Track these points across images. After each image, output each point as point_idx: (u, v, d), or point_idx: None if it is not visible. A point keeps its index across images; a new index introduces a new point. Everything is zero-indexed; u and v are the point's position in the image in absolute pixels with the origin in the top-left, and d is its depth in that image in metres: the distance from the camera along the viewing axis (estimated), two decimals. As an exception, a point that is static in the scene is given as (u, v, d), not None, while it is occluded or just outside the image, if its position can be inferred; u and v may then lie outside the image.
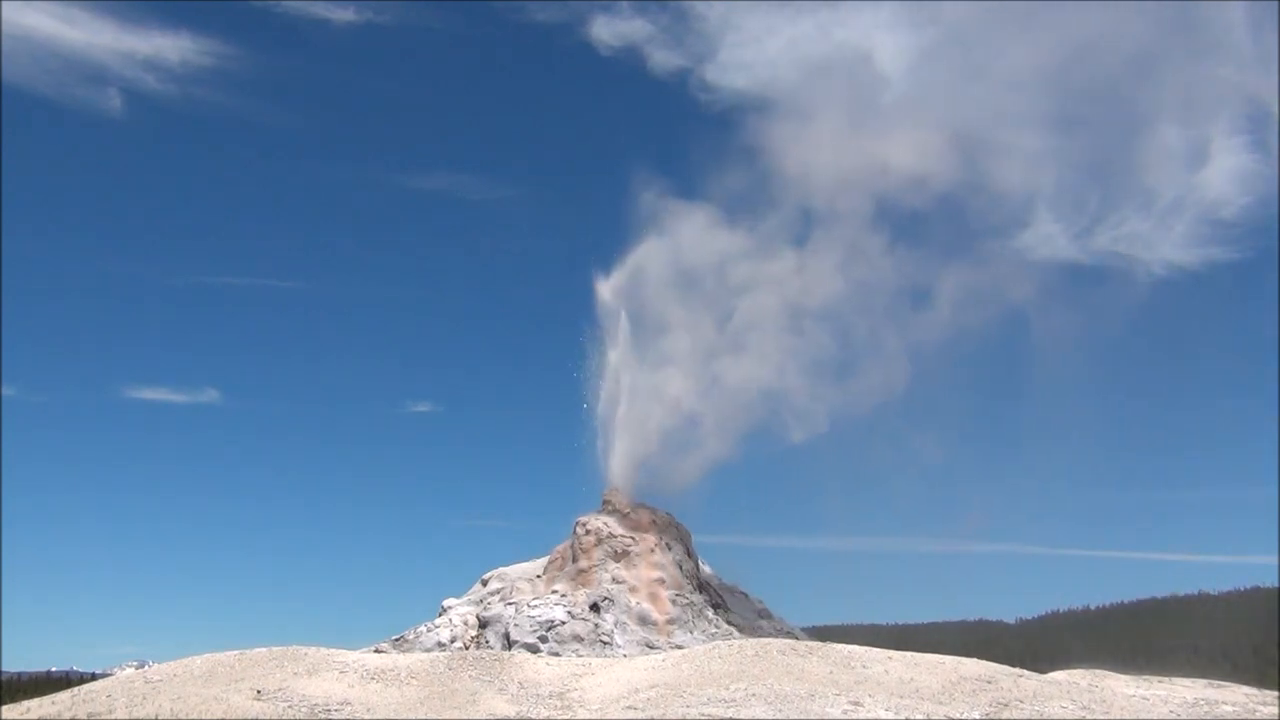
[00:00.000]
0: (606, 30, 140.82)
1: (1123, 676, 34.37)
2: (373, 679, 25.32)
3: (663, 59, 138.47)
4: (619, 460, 42.21)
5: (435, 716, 22.54)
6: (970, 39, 71.18)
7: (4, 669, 59.32)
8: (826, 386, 50.50)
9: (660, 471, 43.30)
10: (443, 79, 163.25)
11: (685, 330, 46.30)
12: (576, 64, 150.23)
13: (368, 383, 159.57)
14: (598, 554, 38.33)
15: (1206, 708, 25.84)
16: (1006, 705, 22.56)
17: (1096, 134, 74.69)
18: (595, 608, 35.84)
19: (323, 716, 22.60)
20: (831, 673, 24.48)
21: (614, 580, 37.42)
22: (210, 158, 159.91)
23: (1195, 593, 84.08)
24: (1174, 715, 24.17)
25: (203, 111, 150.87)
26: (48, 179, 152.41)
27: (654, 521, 40.07)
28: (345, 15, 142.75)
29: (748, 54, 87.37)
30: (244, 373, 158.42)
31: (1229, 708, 26.63)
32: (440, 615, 38.34)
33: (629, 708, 22.65)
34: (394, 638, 37.32)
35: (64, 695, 26.47)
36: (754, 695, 22.48)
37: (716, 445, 45.12)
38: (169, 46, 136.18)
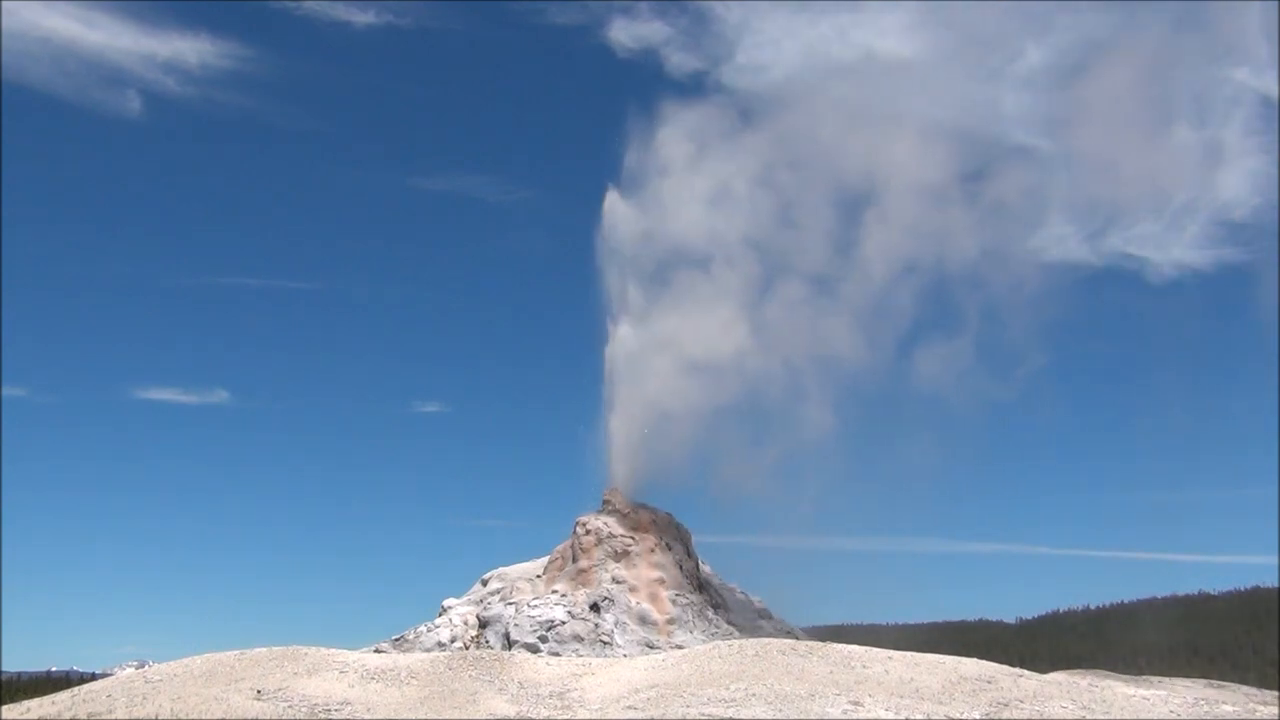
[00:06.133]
0: (624, 33, 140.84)
1: (1123, 676, 34.39)
2: (373, 679, 25.31)
3: (680, 61, 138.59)
4: (619, 458, 42.26)
5: (435, 716, 22.53)
6: (985, 41, 71.26)
7: (4, 669, 59.44)
8: (827, 384, 50.61)
9: (661, 465, 43.38)
10: (460, 81, 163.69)
11: (683, 319, 46.42)
12: (593, 66, 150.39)
13: (376, 383, 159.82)
14: (598, 554, 38.33)
15: (1206, 708, 25.81)
16: (1006, 705, 22.55)
17: (1110, 136, 74.64)
18: (595, 608, 35.84)
19: (323, 716, 22.59)
20: (831, 673, 24.47)
21: (614, 580, 37.42)
22: (226, 159, 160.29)
23: (1195, 593, 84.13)
24: (1174, 715, 24.15)
25: (221, 113, 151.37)
26: (63, 180, 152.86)
27: (654, 521, 40.07)
28: (365, 18, 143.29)
29: (765, 56, 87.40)
30: (253, 373, 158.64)
31: (1229, 708, 26.61)
32: (440, 615, 38.34)
33: (629, 708, 22.65)
34: (394, 638, 37.31)
35: (64, 695, 26.48)
36: (754, 695, 22.47)
37: (713, 434, 45.28)
38: (188, 49, 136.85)
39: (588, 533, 38.99)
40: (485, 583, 40.35)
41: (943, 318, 59.39)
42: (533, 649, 32.76)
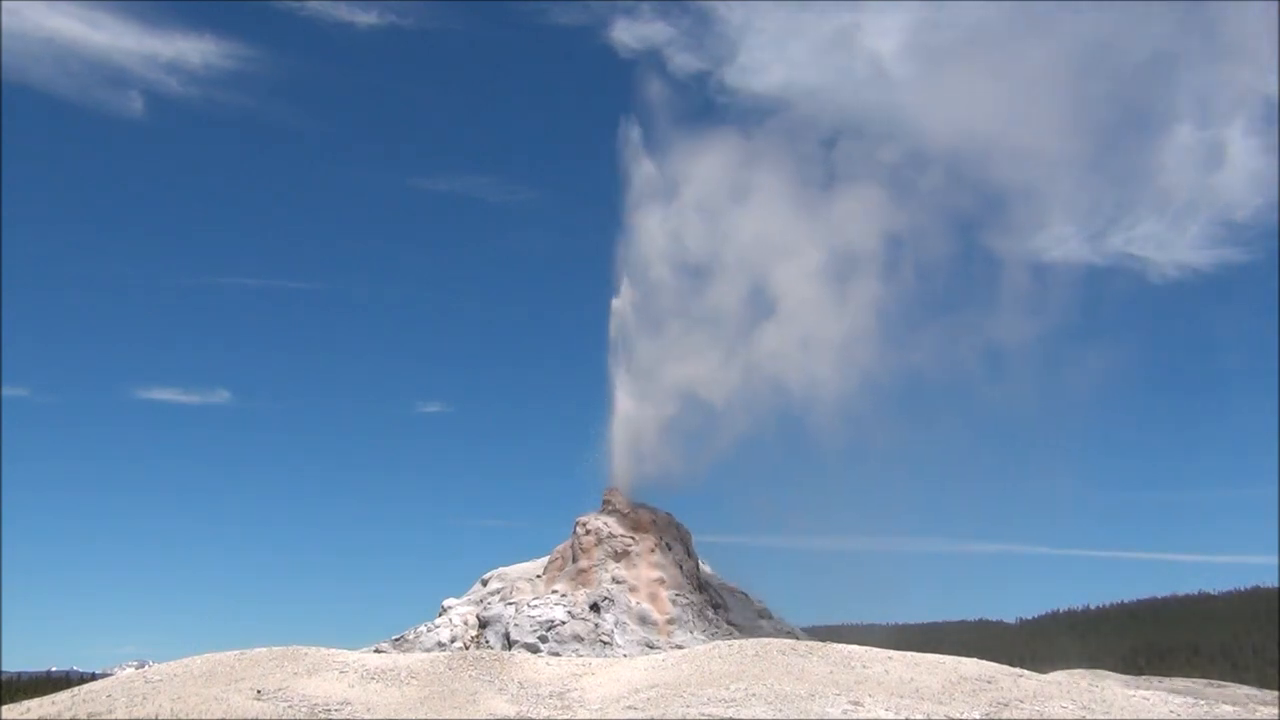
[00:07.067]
0: (627, 33, 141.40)
1: (1123, 676, 34.38)
2: (373, 679, 25.32)
3: (683, 62, 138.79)
4: (619, 458, 42.26)
5: (435, 716, 22.54)
6: (989, 41, 71.30)
7: (4, 669, 59.53)
8: (828, 385, 50.62)
9: (664, 466, 43.40)
10: (461, 81, 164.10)
11: (687, 319, 46.52)
12: (595, 66, 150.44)
13: (377, 383, 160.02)
14: (598, 554, 38.33)
15: (1206, 708, 25.81)
16: (1006, 705, 22.55)
17: (1112, 136, 74.51)
18: (595, 608, 35.84)
19: (323, 716, 22.59)
20: (831, 673, 24.47)
21: (614, 580, 37.42)
22: (227, 159, 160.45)
23: (1195, 593, 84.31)
24: (1174, 715, 24.15)
25: (222, 113, 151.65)
26: (64, 180, 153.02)
27: (654, 521, 40.06)
28: (367, 19, 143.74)
29: (768, 56, 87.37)
30: (254, 373, 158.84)
31: (1229, 708, 26.61)
32: (440, 615, 38.34)
33: (629, 708, 22.65)
34: (394, 638, 37.31)
35: (64, 695, 26.47)
36: (754, 695, 22.48)
37: (721, 436, 45.39)
38: (191, 49, 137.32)
39: (588, 533, 38.99)
40: (485, 583, 40.35)
41: (945, 317, 59.42)
42: (533, 649, 32.77)
